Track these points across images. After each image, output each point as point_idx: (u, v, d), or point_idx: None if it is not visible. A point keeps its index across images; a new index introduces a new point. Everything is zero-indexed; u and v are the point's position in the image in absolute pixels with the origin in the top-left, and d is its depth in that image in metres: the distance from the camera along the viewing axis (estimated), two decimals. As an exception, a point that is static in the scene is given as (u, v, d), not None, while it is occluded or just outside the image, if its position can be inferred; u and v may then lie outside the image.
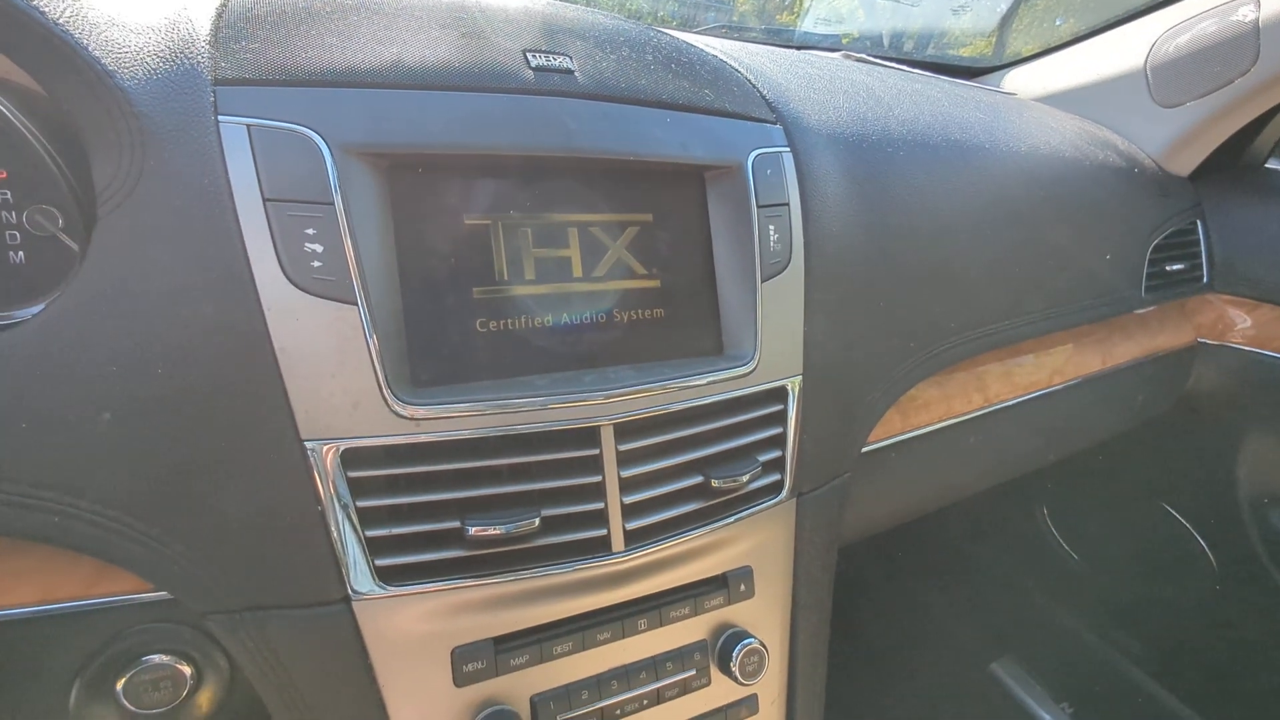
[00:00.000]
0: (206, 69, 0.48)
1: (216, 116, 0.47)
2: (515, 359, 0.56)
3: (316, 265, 0.47)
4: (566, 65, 0.59)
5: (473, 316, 0.54)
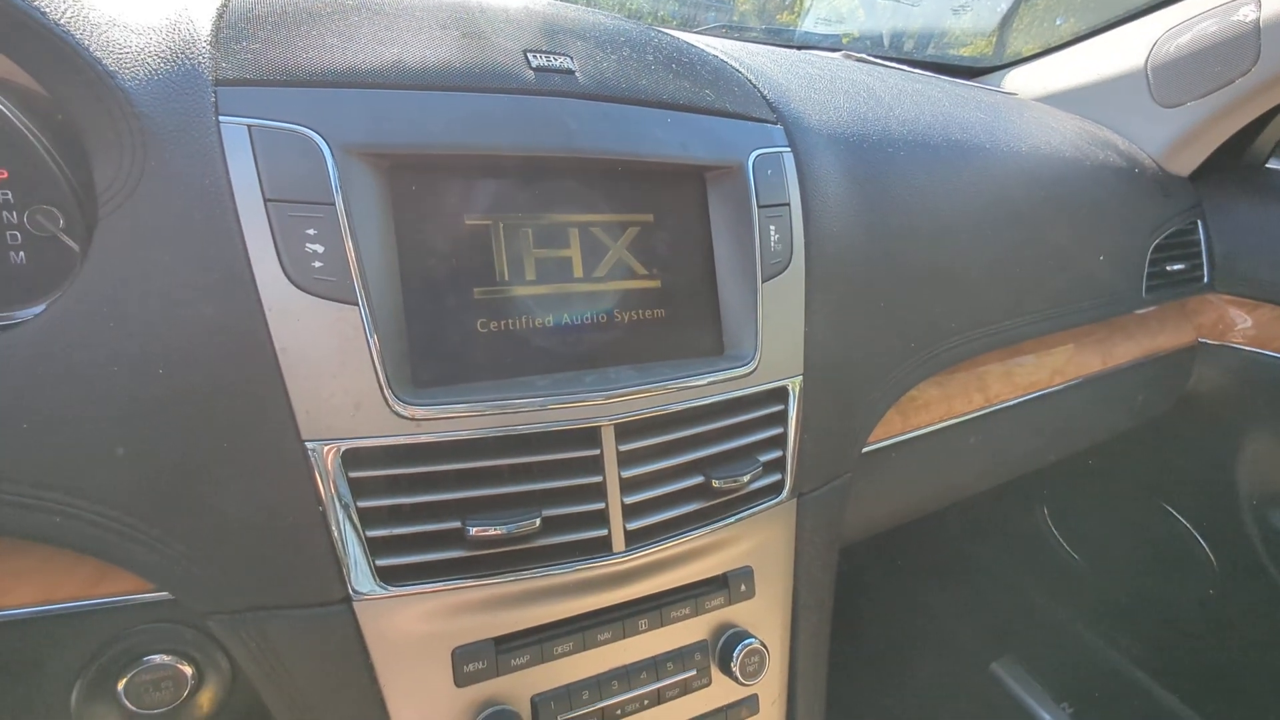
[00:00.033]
0: (207, 69, 0.48)
1: (217, 117, 0.47)
2: (516, 359, 0.56)
3: (317, 266, 0.47)
4: (567, 65, 0.59)
5: (473, 317, 0.54)
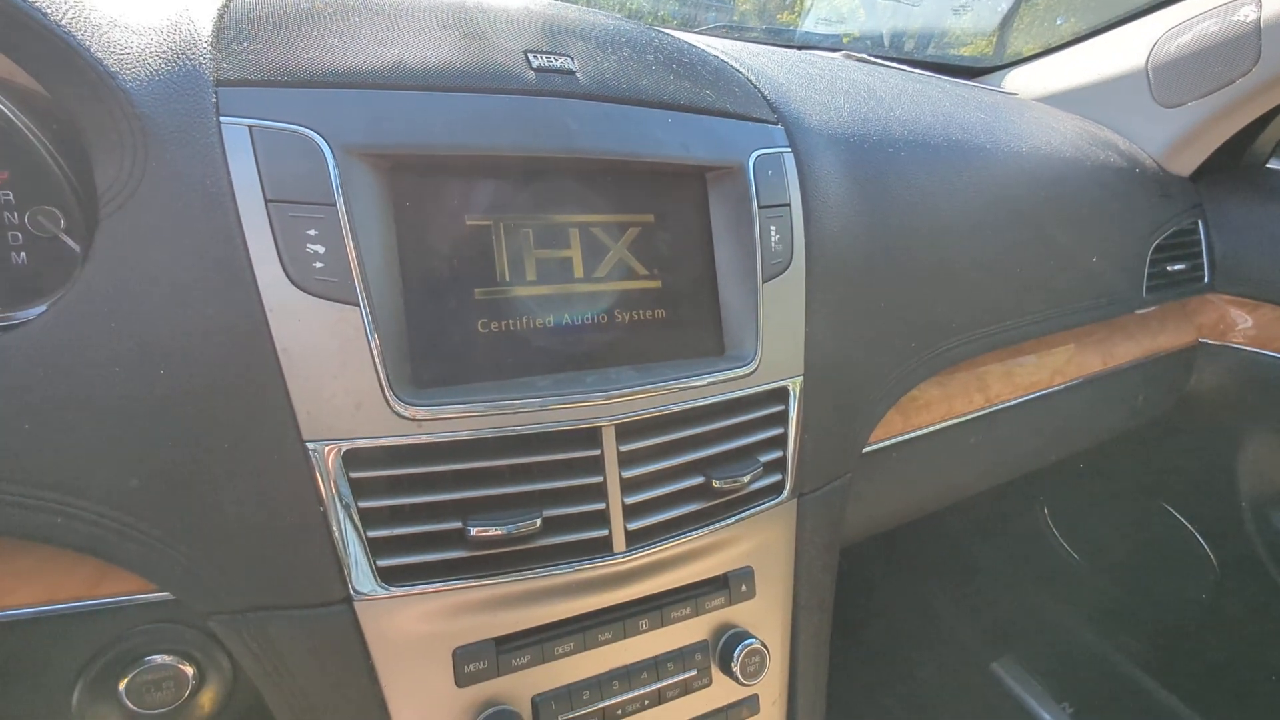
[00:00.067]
0: (208, 70, 0.48)
1: (218, 117, 0.47)
2: (517, 360, 0.56)
3: (318, 266, 0.47)
4: (568, 66, 0.59)
5: (474, 317, 0.54)
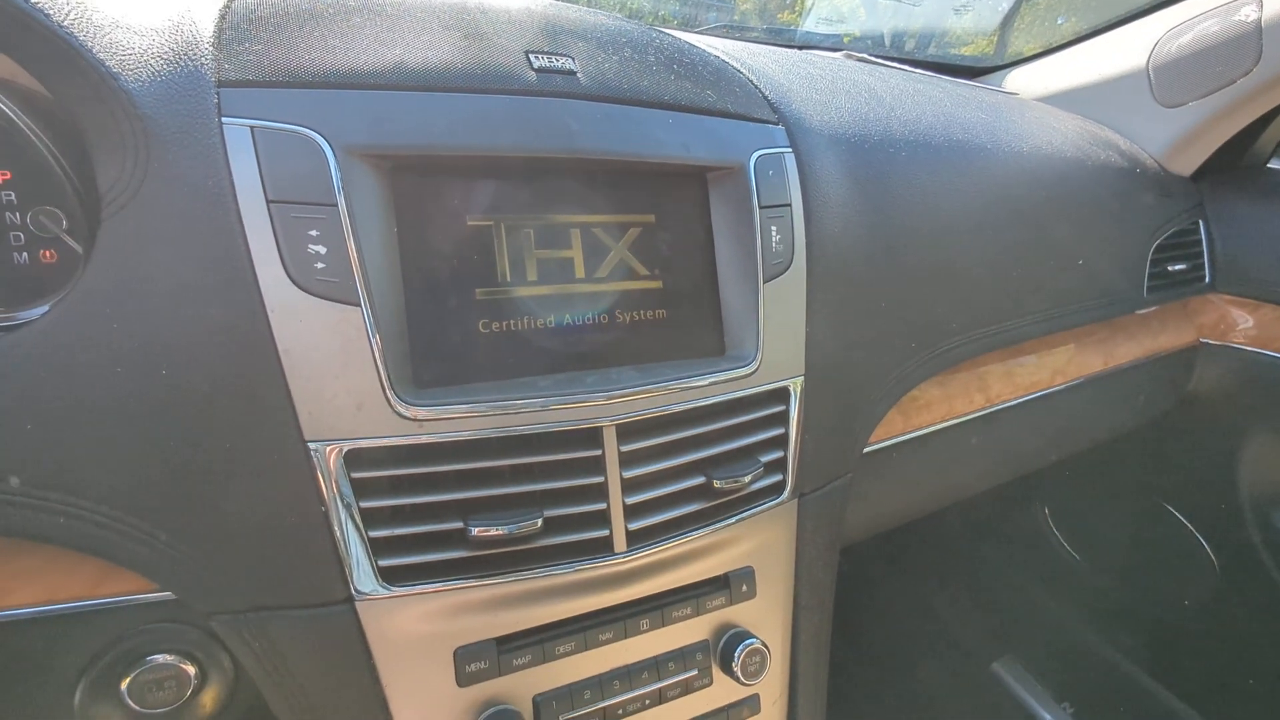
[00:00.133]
0: (210, 71, 0.48)
1: (220, 118, 0.47)
2: (518, 360, 0.56)
3: (320, 266, 0.47)
4: (569, 66, 0.59)
5: (475, 317, 0.55)
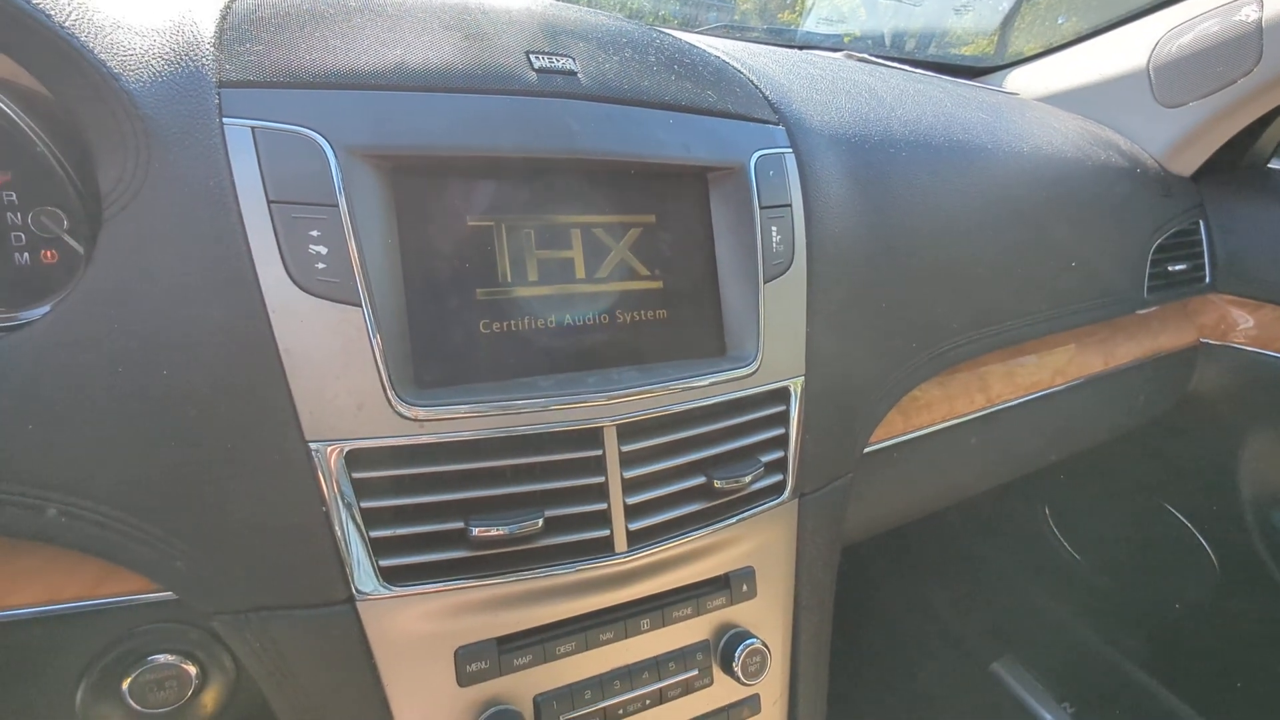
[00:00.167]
0: (211, 71, 0.48)
1: (221, 119, 0.47)
2: (518, 360, 0.56)
3: (321, 267, 0.47)
4: (569, 67, 0.59)
5: (476, 318, 0.55)
